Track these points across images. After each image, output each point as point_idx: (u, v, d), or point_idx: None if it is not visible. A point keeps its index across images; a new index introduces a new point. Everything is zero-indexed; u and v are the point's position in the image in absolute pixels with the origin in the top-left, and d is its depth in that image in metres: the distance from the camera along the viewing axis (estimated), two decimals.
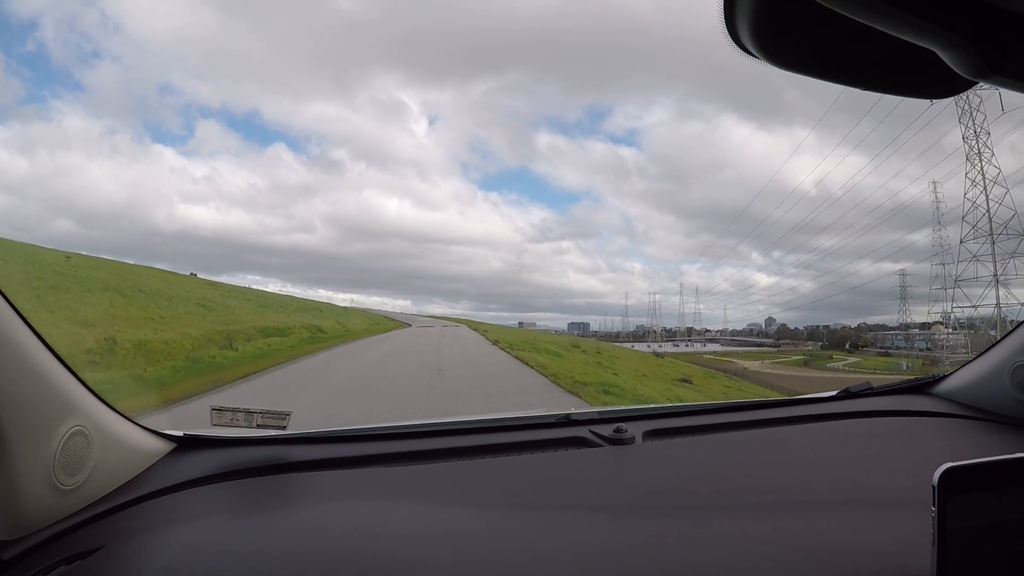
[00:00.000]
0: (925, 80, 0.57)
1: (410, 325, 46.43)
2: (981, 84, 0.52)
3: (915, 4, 0.44)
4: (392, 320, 52.44)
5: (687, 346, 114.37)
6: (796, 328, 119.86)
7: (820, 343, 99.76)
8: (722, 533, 1.16)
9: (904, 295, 77.41)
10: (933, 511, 0.78)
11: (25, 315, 1.10)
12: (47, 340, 1.14)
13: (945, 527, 0.78)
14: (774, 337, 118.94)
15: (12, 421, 1.03)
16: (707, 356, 77.33)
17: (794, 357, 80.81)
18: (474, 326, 48.02)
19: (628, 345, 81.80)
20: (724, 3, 0.52)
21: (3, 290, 1.04)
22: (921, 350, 68.67)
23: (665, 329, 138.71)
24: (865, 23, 0.46)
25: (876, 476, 1.48)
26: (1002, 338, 1.94)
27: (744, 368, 55.37)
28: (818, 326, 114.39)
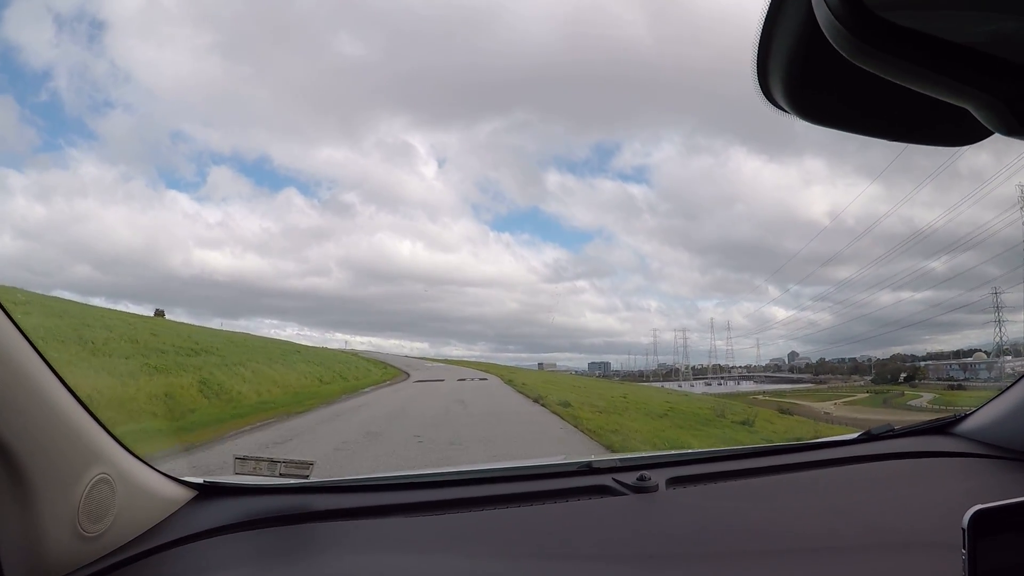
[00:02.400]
0: (953, 131, 0.58)
1: (407, 375, 34.33)
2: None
3: (951, 67, 0.45)
4: (383, 366, 39.20)
5: (719, 384, 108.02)
6: (834, 361, 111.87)
7: (869, 377, 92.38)
8: None
9: (999, 316, 70.55)
10: (964, 553, 0.78)
11: (52, 363, 1.12)
12: (73, 388, 1.15)
13: (976, 570, 0.78)
14: (811, 372, 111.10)
15: (39, 467, 1.05)
16: (760, 397, 68.94)
17: (860, 396, 73.89)
18: (502, 373, 38.33)
19: (657, 384, 79.00)
20: (757, 60, 0.53)
21: (32, 341, 1.07)
22: (985, 380, 65.10)
23: (693, 367, 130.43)
24: (900, 84, 0.47)
25: (902, 519, 1.47)
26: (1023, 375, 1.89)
27: (826, 412, 48.48)
28: (844, 359, 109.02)
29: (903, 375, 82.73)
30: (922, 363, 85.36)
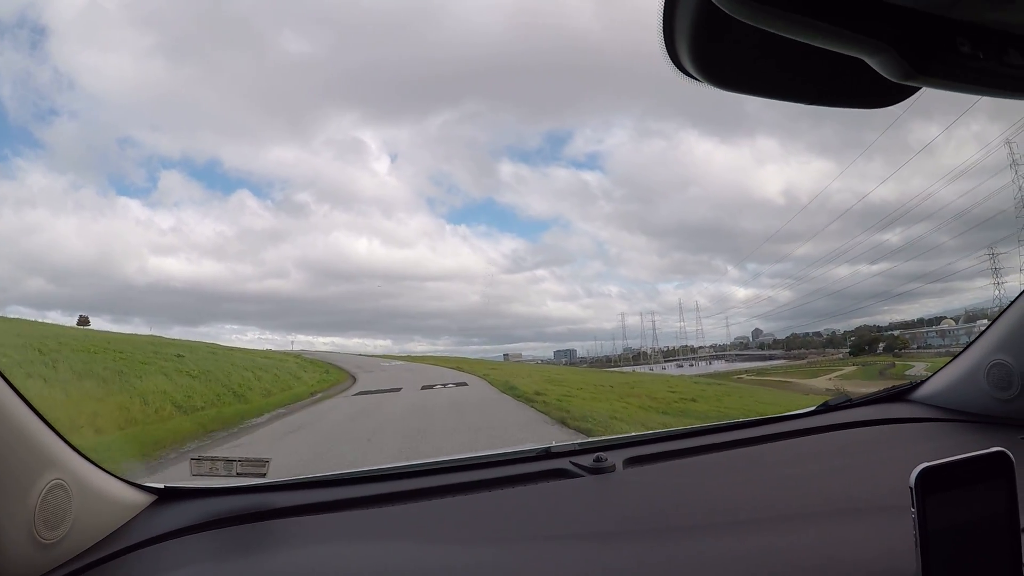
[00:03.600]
0: (864, 91, 0.59)
1: (354, 380, 26.89)
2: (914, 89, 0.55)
3: (838, 16, 0.46)
4: (325, 370, 30.80)
5: (691, 365, 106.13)
6: (805, 335, 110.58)
7: (845, 349, 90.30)
8: (706, 554, 1.18)
9: (998, 276, 69.63)
10: (913, 512, 0.82)
11: (3, 371, 1.12)
12: (25, 395, 1.14)
13: (927, 527, 0.82)
14: (782, 348, 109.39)
15: None
16: (744, 376, 66.35)
17: (849, 368, 70.71)
18: (483, 372, 29.20)
19: (628, 369, 77.28)
20: (663, 31, 0.53)
21: None
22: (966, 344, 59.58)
23: (663, 349, 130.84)
24: (795, 39, 0.47)
25: (857, 486, 1.48)
26: (976, 338, 1.99)
27: (827, 389, 43.62)
28: (809, 333, 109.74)
29: (881, 345, 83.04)
30: (896, 332, 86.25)
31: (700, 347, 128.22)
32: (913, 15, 0.47)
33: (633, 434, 2.02)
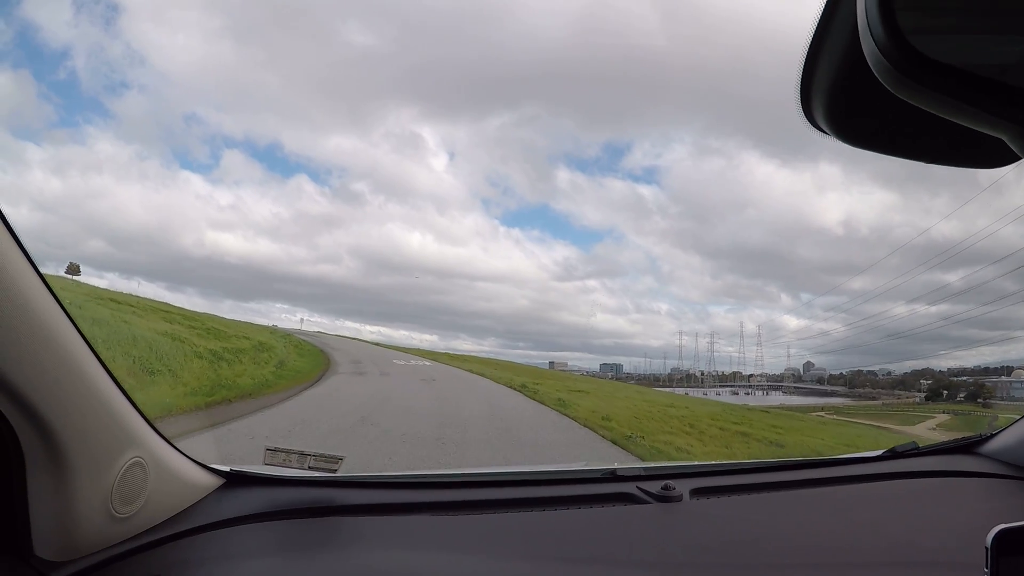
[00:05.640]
0: (986, 154, 0.59)
1: (336, 370, 19.01)
2: None
3: (987, 101, 0.47)
4: (312, 358, 22.32)
5: (747, 394, 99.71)
6: (872, 373, 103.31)
7: (923, 394, 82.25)
8: None
9: None
10: (986, 573, 0.79)
11: (96, 349, 1.13)
12: (113, 373, 1.17)
13: None
14: (843, 384, 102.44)
15: (78, 449, 1.06)
16: (823, 414, 55.57)
17: (941, 416, 62.62)
18: (530, 380, 22.33)
19: (681, 391, 70.74)
20: (801, 84, 0.56)
21: (79, 326, 1.08)
22: None
23: (719, 374, 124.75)
24: (936, 114, 0.49)
25: (924, 538, 1.48)
26: None
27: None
28: (862, 371, 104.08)
29: (962, 393, 76.05)
30: (970, 379, 79.58)
31: (751, 375, 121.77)
32: None
33: (700, 463, 2.10)
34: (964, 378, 79.16)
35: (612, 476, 1.73)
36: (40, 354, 0.97)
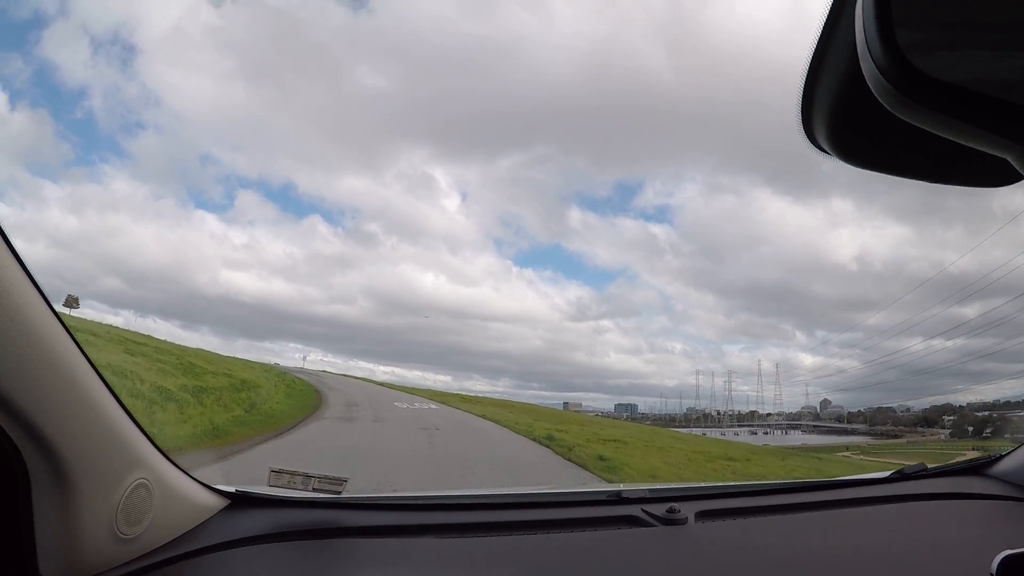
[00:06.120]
0: (991, 173, 0.58)
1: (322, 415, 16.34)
2: None
3: (991, 120, 0.46)
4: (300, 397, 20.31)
5: (765, 433, 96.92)
6: (891, 409, 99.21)
7: (947, 429, 79.17)
8: None
9: None
10: None
11: (100, 371, 1.14)
12: (118, 395, 1.18)
13: None
14: (863, 422, 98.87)
15: (83, 470, 1.06)
16: (848, 454, 53.24)
17: (970, 454, 47.34)
18: (554, 426, 17.83)
19: (699, 431, 68.36)
20: (801, 105, 0.56)
21: (86, 352, 1.08)
22: None
23: (736, 413, 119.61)
24: (939, 134, 0.49)
25: (932, 563, 1.46)
26: None
27: None
28: (881, 407, 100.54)
29: (988, 429, 71.16)
30: (992, 414, 75.22)
31: (768, 414, 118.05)
32: None
33: (705, 484, 2.11)
34: (987, 413, 76.26)
35: (617, 498, 1.72)
36: (45, 377, 0.98)
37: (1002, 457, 1.99)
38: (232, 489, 1.50)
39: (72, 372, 1.03)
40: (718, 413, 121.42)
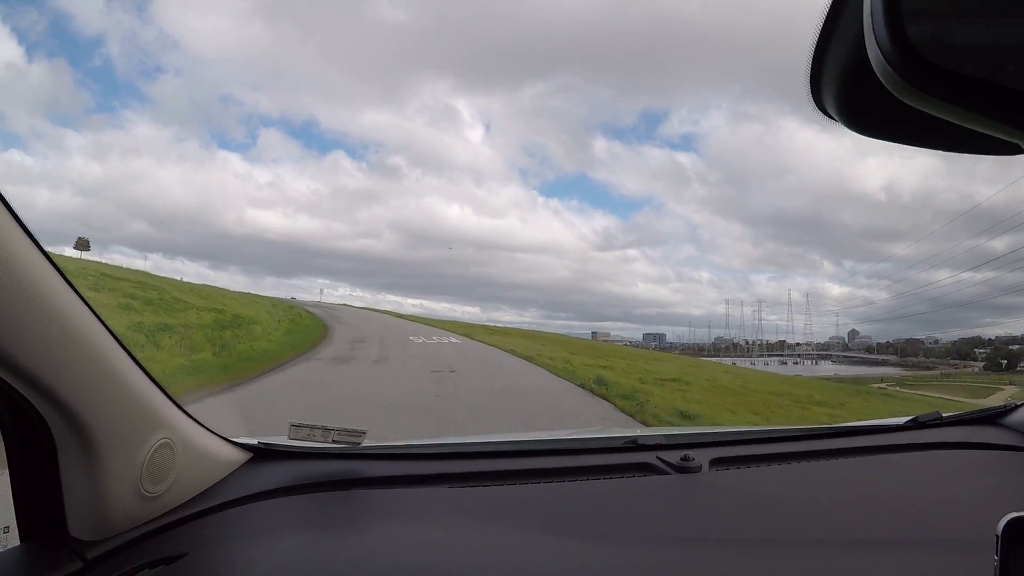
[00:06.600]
0: (1001, 144, 0.57)
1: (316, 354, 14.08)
2: None
3: (998, 110, 0.45)
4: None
5: (795, 363, 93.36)
6: (920, 341, 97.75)
7: (980, 362, 76.48)
8: (784, 568, 1.18)
9: None
10: (996, 560, 0.75)
11: (119, 337, 1.14)
12: (137, 358, 1.19)
13: None
14: (894, 352, 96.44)
15: (107, 434, 1.09)
16: (886, 385, 49.33)
17: (1010, 387, 57.76)
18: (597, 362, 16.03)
19: (728, 361, 67.80)
20: (811, 75, 0.56)
21: (100, 315, 1.08)
22: None
23: (765, 343, 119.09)
24: (948, 119, 0.48)
25: (942, 515, 1.46)
26: None
27: None
28: (911, 339, 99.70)
29: (1022, 363, 71.96)
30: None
31: (798, 343, 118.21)
32: None
33: (721, 430, 2.11)
34: (1019, 347, 76.42)
35: (633, 445, 1.74)
36: (62, 345, 0.98)
37: (1017, 407, 2.00)
38: (255, 442, 1.53)
39: (88, 339, 1.04)
40: (747, 343, 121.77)
